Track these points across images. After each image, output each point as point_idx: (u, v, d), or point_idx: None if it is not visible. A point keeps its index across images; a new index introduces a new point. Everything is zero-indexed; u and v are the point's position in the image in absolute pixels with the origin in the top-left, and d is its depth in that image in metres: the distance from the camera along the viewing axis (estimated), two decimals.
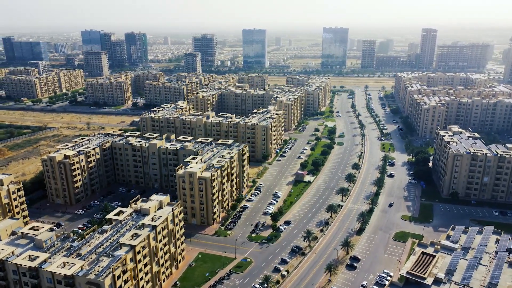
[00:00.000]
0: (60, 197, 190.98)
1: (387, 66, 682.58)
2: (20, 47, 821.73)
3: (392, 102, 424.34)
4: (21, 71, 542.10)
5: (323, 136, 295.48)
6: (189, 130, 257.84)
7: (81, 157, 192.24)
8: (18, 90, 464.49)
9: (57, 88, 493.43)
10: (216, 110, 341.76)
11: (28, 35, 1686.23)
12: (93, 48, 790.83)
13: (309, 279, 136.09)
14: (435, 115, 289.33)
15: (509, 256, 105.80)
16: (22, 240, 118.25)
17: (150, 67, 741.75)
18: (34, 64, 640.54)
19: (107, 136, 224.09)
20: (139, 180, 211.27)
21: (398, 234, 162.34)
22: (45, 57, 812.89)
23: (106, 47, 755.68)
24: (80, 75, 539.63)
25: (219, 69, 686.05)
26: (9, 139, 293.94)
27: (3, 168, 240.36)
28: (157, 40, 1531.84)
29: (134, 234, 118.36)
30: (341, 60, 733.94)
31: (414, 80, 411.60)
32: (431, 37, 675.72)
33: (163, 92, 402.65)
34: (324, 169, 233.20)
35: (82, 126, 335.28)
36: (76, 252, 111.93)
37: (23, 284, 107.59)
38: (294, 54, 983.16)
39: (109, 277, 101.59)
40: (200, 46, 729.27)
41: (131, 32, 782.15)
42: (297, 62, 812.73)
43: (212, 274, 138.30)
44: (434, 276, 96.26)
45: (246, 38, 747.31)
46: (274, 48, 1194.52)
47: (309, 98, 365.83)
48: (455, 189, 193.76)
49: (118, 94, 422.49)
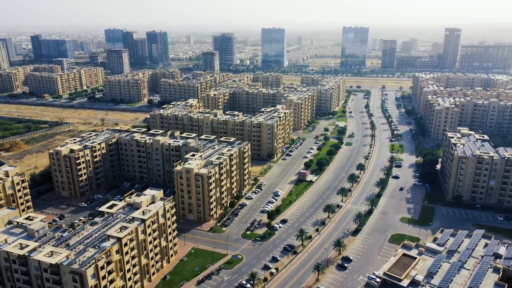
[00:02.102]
0: (65, 190, 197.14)
1: (408, 67, 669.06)
2: (47, 45, 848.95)
3: (408, 103, 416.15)
4: (45, 68, 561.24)
5: (332, 136, 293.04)
6: (196, 127, 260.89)
7: (87, 152, 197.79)
8: (41, 86, 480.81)
9: (77, 85, 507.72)
10: (228, 108, 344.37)
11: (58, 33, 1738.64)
12: (116, 46, 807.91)
13: (297, 278, 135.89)
14: (448, 117, 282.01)
15: (495, 261, 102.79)
16: (17, 229, 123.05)
17: (170, 65, 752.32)
18: (58, 61, 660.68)
19: (114, 132, 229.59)
20: (143, 176, 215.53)
21: (394, 236, 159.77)
22: (70, 55, 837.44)
23: (128, 46, 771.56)
24: (101, 73, 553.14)
25: (237, 68, 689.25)
26: (26, 133, 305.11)
27: (18, 160, 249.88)
28: (180, 39, 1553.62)
29: (122, 227, 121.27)
30: (361, 60, 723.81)
31: (431, 80, 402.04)
32: (454, 37, 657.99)
33: (178, 90, 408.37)
34: (328, 169, 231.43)
35: (97, 122, 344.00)
36: (65, 242, 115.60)
37: (13, 271, 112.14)
38: (314, 54, 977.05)
39: (92, 267, 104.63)
40: (220, 45, 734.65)
41: (153, 31, 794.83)
42: (317, 62, 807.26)
43: (202, 269, 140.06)
44: (411, 278, 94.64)
45: (265, 37, 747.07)
46: (295, 47, 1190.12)
47: (321, 97, 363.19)
48: (460, 193, 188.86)
49: (135, 92, 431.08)
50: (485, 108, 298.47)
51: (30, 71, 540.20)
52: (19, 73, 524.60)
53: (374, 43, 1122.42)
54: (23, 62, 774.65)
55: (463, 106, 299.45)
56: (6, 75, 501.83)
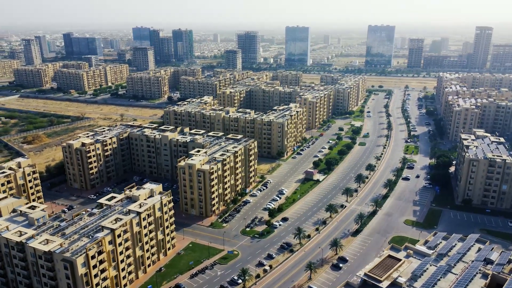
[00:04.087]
0: (77, 182, 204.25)
1: (435, 66, 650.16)
2: (78, 43, 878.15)
3: (430, 103, 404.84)
4: (73, 65, 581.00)
5: (345, 136, 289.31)
6: (208, 124, 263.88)
7: (98, 146, 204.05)
8: (68, 82, 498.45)
9: (103, 81, 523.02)
10: (244, 106, 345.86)
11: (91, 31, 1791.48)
12: (143, 44, 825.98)
13: (290, 276, 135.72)
14: (467, 118, 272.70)
15: (485, 266, 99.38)
16: (19, 218, 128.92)
17: (195, 63, 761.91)
18: (87, 58, 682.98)
19: (127, 127, 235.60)
20: (153, 170, 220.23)
21: (395, 238, 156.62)
22: (100, 52, 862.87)
23: (154, 43, 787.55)
24: (125, 70, 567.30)
25: (260, 66, 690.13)
26: (49, 127, 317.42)
27: (37, 153, 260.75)
28: (208, 37, 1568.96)
29: (117, 218, 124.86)
30: (386, 59, 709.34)
31: (455, 81, 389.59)
32: (485, 36, 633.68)
33: (197, 87, 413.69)
34: (337, 169, 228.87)
35: (117, 117, 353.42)
36: (62, 231, 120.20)
37: (12, 257, 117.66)
38: (340, 52, 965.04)
39: (82, 256, 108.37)
40: (244, 43, 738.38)
41: (178, 29, 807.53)
42: (341, 61, 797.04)
43: (197, 263, 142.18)
44: (392, 279, 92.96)
45: (289, 36, 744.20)
46: (322, 46, 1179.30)
47: (338, 96, 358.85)
48: (470, 196, 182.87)
49: (155, 88, 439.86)
50: (508, 110, 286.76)
51: (59, 67, 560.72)
52: (49, 69, 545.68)
53: (402, 42, 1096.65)
54: (55, 59, 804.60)
55: (485, 108, 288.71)
56: (36, 71, 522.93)
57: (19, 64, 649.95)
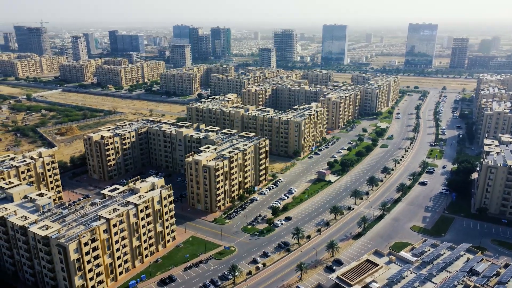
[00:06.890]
0: (96, 173, 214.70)
1: (480, 67, 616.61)
2: (122, 40, 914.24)
3: (467, 106, 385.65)
4: (114, 61, 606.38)
5: (368, 137, 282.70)
6: (228, 121, 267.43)
7: (116, 139, 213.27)
8: (107, 78, 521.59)
9: (139, 77, 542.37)
10: (269, 105, 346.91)
11: (138, 29, 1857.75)
12: (182, 41, 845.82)
13: (281, 275, 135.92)
14: (499, 122, 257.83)
15: (469, 278, 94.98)
16: (29, 204, 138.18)
17: (231, 60, 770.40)
18: (128, 55, 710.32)
19: (147, 122, 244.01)
20: (168, 165, 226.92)
21: (397, 244, 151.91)
22: (142, 49, 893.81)
23: (193, 41, 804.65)
24: (162, 66, 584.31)
25: (295, 65, 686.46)
26: (82, 120, 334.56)
27: (68, 144, 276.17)
28: (249, 35, 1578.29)
29: (114, 209, 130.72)
30: (427, 59, 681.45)
31: (495, 82, 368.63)
32: None
33: (226, 85, 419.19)
34: (352, 170, 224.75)
35: (146, 112, 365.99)
36: (62, 218, 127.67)
37: (17, 240, 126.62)
38: (380, 52, 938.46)
39: (75, 242, 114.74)
40: (280, 42, 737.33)
41: (217, 27, 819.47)
42: (380, 60, 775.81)
43: (192, 256, 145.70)
44: (364, 284, 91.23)
45: (326, 34, 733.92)
46: (363, 44, 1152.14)
47: (366, 97, 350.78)
48: (487, 205, 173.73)
49: (187, 85, 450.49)
50: None
51: (101, 63, 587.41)
52: (91, 65, 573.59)
53: (449, 42, 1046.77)
54: (100, 55, 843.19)
55: None
56: (79, 67, 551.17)
57: (66, 60, 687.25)
